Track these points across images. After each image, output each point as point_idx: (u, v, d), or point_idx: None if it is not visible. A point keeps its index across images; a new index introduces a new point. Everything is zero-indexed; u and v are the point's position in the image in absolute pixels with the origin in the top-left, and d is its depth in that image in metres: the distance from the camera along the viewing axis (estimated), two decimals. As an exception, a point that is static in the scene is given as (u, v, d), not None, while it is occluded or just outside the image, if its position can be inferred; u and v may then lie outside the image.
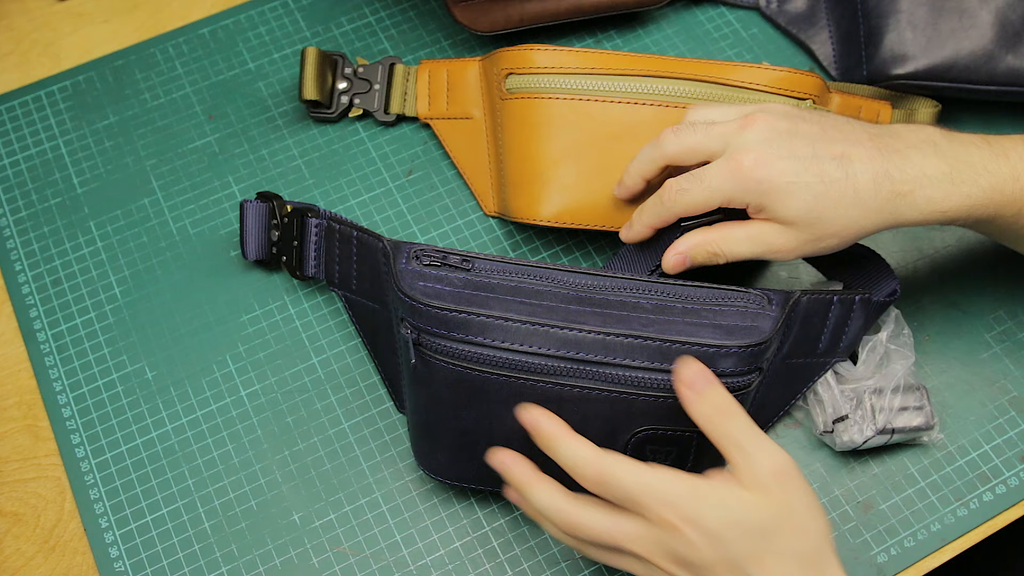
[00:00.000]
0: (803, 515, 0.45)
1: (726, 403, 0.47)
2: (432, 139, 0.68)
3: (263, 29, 0.72)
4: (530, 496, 0.48)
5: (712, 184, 0.51)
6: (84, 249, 0.65)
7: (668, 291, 0.52)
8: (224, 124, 0.69)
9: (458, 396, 0.51)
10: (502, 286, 0.51)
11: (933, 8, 0.64)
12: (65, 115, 0.69)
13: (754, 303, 0.52)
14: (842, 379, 0.57)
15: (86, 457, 0.59)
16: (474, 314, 0.49)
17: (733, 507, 0.44)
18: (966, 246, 0.65)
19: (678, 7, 0.73)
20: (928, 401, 0.57)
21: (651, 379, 0.49)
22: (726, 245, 0.53)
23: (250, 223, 0.62)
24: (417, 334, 0.51)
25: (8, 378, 0.62)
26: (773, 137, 0.51)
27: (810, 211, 0.50)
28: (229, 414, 0.60)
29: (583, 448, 0.47)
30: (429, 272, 0.52)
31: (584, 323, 0.49)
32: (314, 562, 0.56)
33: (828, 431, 0.57)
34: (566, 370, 0.49)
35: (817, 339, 0.55)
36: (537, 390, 0.50)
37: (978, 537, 0.57)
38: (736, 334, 0.50)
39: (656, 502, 0.45)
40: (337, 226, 0.58)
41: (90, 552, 0.57)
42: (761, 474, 0.45)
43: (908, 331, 0.58)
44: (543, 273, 0.52)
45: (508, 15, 0.67)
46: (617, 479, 0.45)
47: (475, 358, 0.50)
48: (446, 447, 0.54)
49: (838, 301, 0.54)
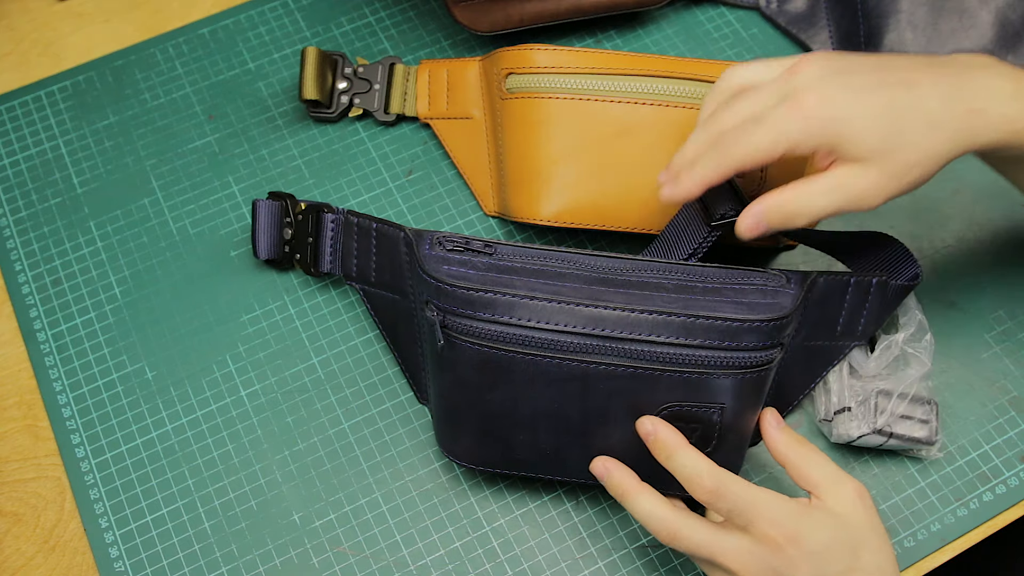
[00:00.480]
0: (880, 534, 0.49)
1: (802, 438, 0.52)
2: (432, 139, 0.68)
3: (263, 29, 0.72)
4: (632, 504, 0.50)
5: (777, 126, 0.47)
6: (84, 249, 0.65)
7: (689, 272, 0.52)
8: (224, 124, 0.69)
9: (484, 377, 0.52)
10: (525, 269, 0.52)
11: (933, 8, 0.64)
12: (65, 115, 0.69)
13: (773, 282, 0.52)
14: (854, 372, 0.57)
15: (86, 457, 0.59)
16: (500, 293, 0.50)
17: (831, 527, 0.48)
18: (966, 246, 0.65)
19: (678, 7, 0.73)
20: (936, 418, 0.57)
21: (676, 354, 0.50)
22: (804, 203, 0.48)
23: (262, 221, 0.62)
24: (443, 316, 0.51)
25: (8, 378, 0.62)
26: (829, 74, 0.48)
27: (885, 141, 0.47)
28: (229, 414, 0.60)
29: (701, 461, 0.49)
30: (453, 256, 0.52)
31: (608, 301, 0.50)
32: (314, 562, 0.56)
33: (828, 420, 0.57)
34: (592, 347, 0.50)
35: (835, 322, 0.56)
36: (563, 368, 0.51)
37: (978, 537, 0.57)
38: (757, 310, 0.50)
39: (764, 520, 0.47)
40: (355, 220, 0.58)
41: (90, 552, 0.57)
42: (848, 497, 0.49)
43: (931, 338, 0.58)
44: (565, 256, 0.53)
45: (508, 15, 0.67)
46: (732, 492, 0.48)
47: (501, 337, 0.50)
48: (471, 431, 0.54)
49: (855, 283, 0.54)
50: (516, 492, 0.58)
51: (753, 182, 0.60)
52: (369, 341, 0.62)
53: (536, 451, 0.54)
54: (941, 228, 0.65)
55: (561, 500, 0.58)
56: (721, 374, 0.50)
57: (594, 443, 0.53)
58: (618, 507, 0.58)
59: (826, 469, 0.50)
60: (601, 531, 0.57)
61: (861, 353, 0.57)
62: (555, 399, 0.52)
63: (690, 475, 0.49)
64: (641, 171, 0.60)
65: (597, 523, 0.57)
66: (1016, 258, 0.64)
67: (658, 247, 0.57)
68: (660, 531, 0.49)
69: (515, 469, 0.55)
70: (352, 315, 0.63)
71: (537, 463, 0.55)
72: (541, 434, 0.53)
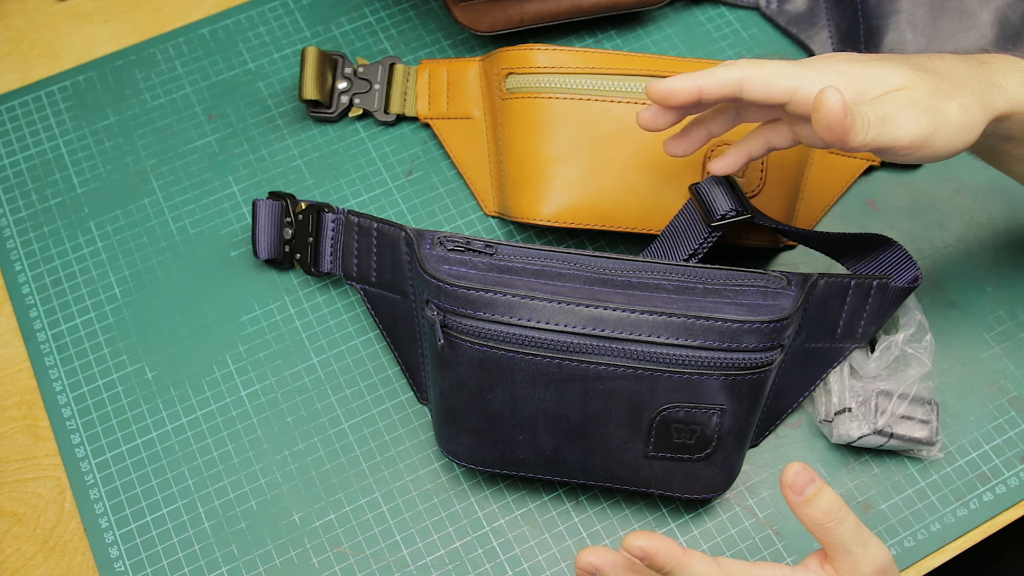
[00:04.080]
0: None
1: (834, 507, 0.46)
2: (432, 139, 0.68)
3: (263, 29, 0.72)
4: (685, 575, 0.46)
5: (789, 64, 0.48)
6: (84, 249, 0.65)
7: (689, 273, 0.53)
8: (224, 124, 0.69)
9: (484, 377, 0.52)
10: (526, 269, 0.52)
11: (933, 8, 0.64)
12: (65, 115, 0.69)
13: (774, 283, 0.52)
14: (854, 373, 0.57)
15: (86, 457, 0.59)
16: (500, 293, 0.50)
17: None
18: (966, 246, 0.65)
19: (678, 7, 0.73)
20: (936, 418, 0.57)
21: (676, 355, 0.50)
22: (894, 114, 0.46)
23: (263, 221, 0.62)
24: (444, 315, 0.51)
25: (8, 378, 0.62)
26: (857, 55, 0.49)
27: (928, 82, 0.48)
28: (229, 414, 0.60)
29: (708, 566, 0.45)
30: (454, 256, 0.53)
31: (609, 301, 0.50)
32: (314, 562, 0.56)
33: (828, 420, 0.57)
34: (592, 347, 0.50)
35: (835, 323, 0.56)
36: (563, 368, 0.51)
37: (978, 537, 0.57)
38: (758, 311, 0.51)
39: None
40: (356, 219, 0.58)
41: (90, 552, 0.57)
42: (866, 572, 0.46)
43: (931, 338, 0.58)
44: (565, 257, 0.53)
45: (508, 15, 0.67)
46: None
47: (502, 337, 0.50)
48: (471, 431, 0.54)
49: (855, 285, 0.55)
50: (516, 492, 0.58)
51: (753, 182, 0.60)
52: (369, 341, 0.62)
53: (536, 452, 0.54)
54: (941, 228, 0.65)
55: (561, 500, 0.58)
56: (721, 375, 0.50)
57: (594, 444, 0.53)
58: (618, 507, 0.58)
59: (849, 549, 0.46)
60: (601, 531, 0.57)
61: (861, 354, 0.57)
62: (555, 399, 0.52)
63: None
64: (641, 171, 0.60)
65: (597, 523, 0.57)
66: (1016, 258, 0.64)
67: (658, 248, 0.57)
68: None
69: (515, 469, 0.55)
70: (352, 315, 0.63)
71: (537, 464, 0.55)
72: (541, 435, 0.53)
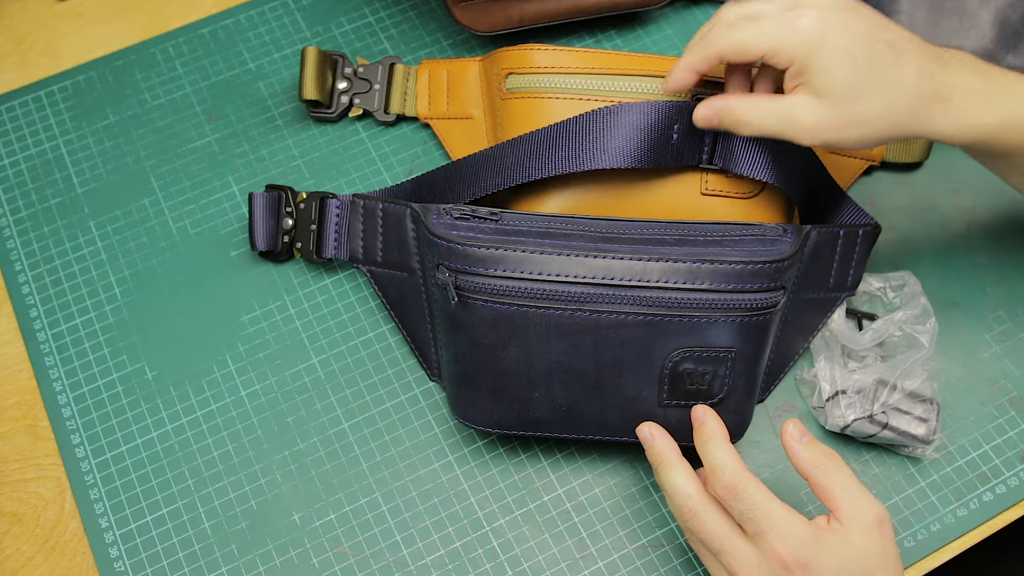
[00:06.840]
0: (895, 565, 0.48)
1: (831, 452, 0.50)
2: (432, 139, 0.68)
3: (263, 29, 0.72)
4: (666, 474, 0.51)
5: (765, 27, 0.50)
6: (84, 249, 0.65)
7: (689, 227, 0.54)
8: (224, 124, 0.69)
9: (497, 335, 0.53)
10: (532, 231, 0.53)
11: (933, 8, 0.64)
12: (65, 115, 0.69)
13: (771, 232, 0.54)
14: (850, 351, 0.58)
15: (86, 457, 0.59)
16: (511, 248, 0.51)
17: (844, 554, 0.47)
18: (966, 246, 0.65)
19: (678, 7, 0.73)
20: (936, 418, 0.57)
21: (684, 299, 0.51)
22: (754, 114, 0.51)
23: (259, 213, 0.62)
24: (455, 276, 0.52)
25: (8, 378, 0.62)
26: (834, 5, 0.50)
27: (852, 84, 0.49)
28: (229, 414, 0.60)
29: (732, 458, 0.49)
30: (460, 223, 0.53)
31: (616, 252, 0.51)
32: (314, 562, 0.56)
33: (821, 406, 0.58)
34: (602, 296, 0.51)
35: (828, 273, 0.58)
36: (575, 319, 0.52)
37: (978, 537, 0.57)
38: (759, 255, 0.52)
39: (775, 534, 0.47)
40: (361, 201, 0.60)
41: (90, 552, 0.57)
42: (867, 520, 0.47)
43: (935, 323, 0.58)
44: (569, 219, 0.54)
45: (508, 15, 0.67)
46: (750, 496, 0.47)
47: (514, 292, 0.51)
48: (486, 392, 0.55)
49: (844, 234, 0.57)
50: (516, 492, 0.58)
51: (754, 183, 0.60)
52: (369, 341, 0.62)
53: (552, 408, 0.54)
54: (941, 228, 0.65)
55: (561, 500, 0.58)
56: (729, 317, 0.51)
57: (609, 396, 0.54)
58: (618, 507, 0.58)
59: (849, 490, 0.48)
60: (601, 531, 0.57)
61: (853, 331, 0.58)
62: (568, 352, 0.53)
63: (715, 466, 0.49)
64: (641, 171, 0.60)
65: (597, 523, 0.57)
66: (1016, 258, 0.64)
67: None
68: (682, 507, 0.49)
69: (531, 429, 0.56)
70: (352, 315, 0.63)
71: (553, 421, 0.55)
72: (556, 389, 0.54)
